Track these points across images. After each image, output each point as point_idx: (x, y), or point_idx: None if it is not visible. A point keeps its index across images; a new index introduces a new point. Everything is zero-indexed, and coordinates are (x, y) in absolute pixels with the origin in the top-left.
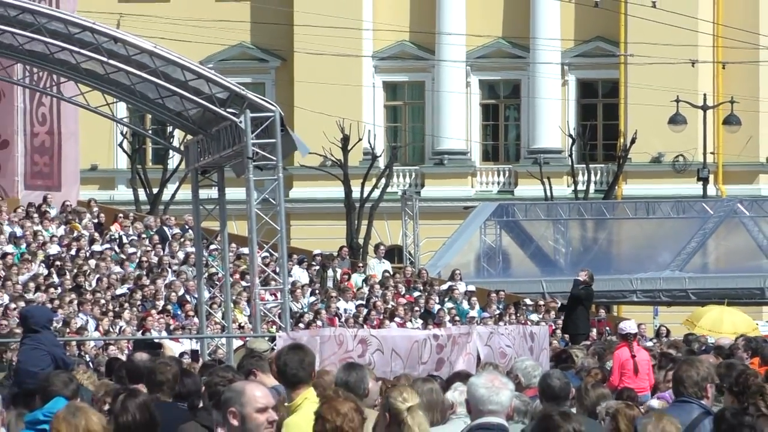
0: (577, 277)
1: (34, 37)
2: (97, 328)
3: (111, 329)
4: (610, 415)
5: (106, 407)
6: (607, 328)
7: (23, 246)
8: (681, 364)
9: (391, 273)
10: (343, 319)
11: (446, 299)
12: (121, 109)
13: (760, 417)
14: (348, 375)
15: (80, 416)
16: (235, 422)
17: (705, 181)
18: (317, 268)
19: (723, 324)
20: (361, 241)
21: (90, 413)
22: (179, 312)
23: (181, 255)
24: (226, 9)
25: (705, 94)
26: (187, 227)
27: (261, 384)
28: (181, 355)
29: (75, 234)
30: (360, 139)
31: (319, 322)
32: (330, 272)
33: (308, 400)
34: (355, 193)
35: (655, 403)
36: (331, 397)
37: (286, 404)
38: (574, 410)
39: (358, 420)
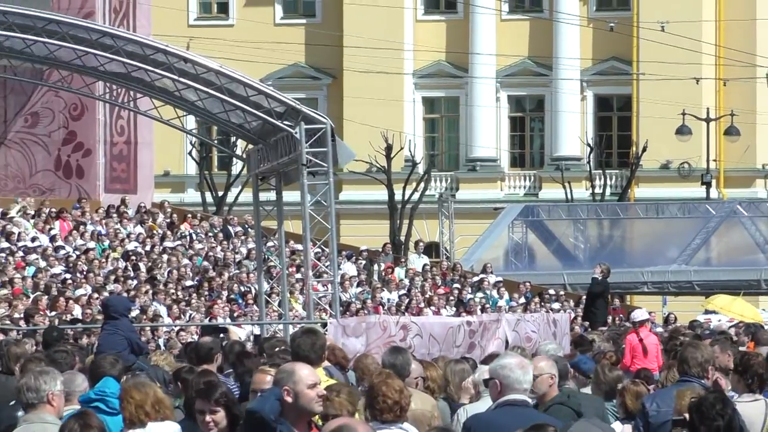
0: (594, 275)
1: (113, 57)
2: (168, 315)
3: (181, 316)
4: (618, 391)
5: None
6: (621, 315)
7: (104, 242)
8: (686, 346)
9: (429, 266)
10: (386, 308)
11: (478, 290)
12: (190, 121)
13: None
14: (395, 358)
15: (148, 387)
16: (289, 399)
17: (708, 185)
18: (364, 262)
19: (734, 306)
20: (402, 239)
21: (153, 385)
22: (241, 301)
23: (243, 251)
24: (283, 32)
25: (708, 108)
26: (248, 226)
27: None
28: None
29: (150, 232)
30: (401, 148)
31: (365, 310)
32: (375, 266)
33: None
34: (397, 196)
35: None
36: (387, 375)
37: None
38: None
39: (409, 396)
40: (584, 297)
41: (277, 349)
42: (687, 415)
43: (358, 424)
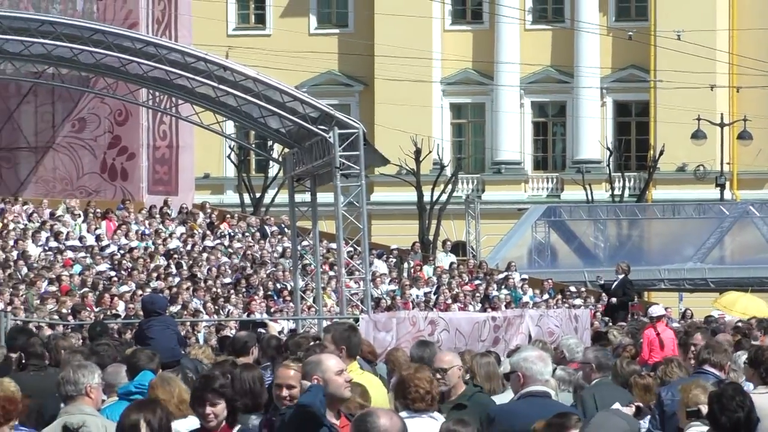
0: (617, 272)
1: (156, 66)
2: (206, 312)
3: (221, 312)
4: (629, 385)
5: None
6: (639, 311)
7: (148, 241)
8: (705, 342)
9: (456, 264)
10: (415, 304)
11: (503, 287)
12: (229, 126)
13: None
14: (422, 351)
15: (173, 384)
16: None
17: (722, 187)
18: (394, 260)
19: (735, 306)
20: (431, 238)
21: (179, 382)
22: (277, 297)
23: (279, 249)
24: (317, 42)
25: (722, 114)
26: (284, 226)
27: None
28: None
29: (191, 231)
30: (430, 152)
31: (395, 306)
32: (405, 264)
33: (353, 371)
34: (426, 197)
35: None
36: (417, 368)
37: None
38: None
39: (438, 387)
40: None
41: (301, 345)
42: (702, 407)
43: (381, 412)
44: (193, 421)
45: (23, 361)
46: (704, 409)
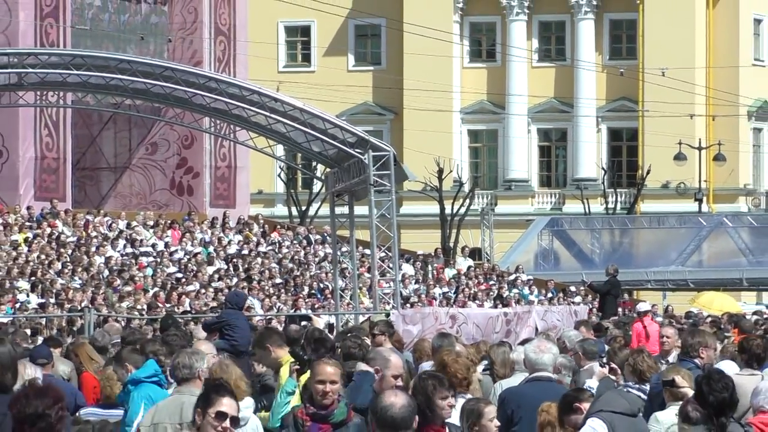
0: (606, 274)
1: (217, 98)
2: (261, 307)
3: (272, 308)
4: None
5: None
6: (629, 307)
7: (210, 248)
8: (686, 332)
9: (473, 267)
10: (438, 301)
11: (513, 286)
12: (279, 149)
13: None
14: (441, 341)
15: (231, 368)
16: (376, 377)
17: (700, 201)
18: (420, 263)
19: (712, 303)
20: (451, 245)
21: (235, 368)
22: (320, 296)
23: (321, 254)
24: (354, 77)
25: (700, 139)
26: (326, 234)
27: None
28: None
29: (246, 239)
30: (451, 171)
31: (421, 303)
32: (429, 267)
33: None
34: (447, 210)
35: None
36: (457, 354)
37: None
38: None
39: (474, 372)
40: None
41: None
42: (677, 378)
43: (390, 392)
44: (248, 402)
45: None
46: (678, 380)
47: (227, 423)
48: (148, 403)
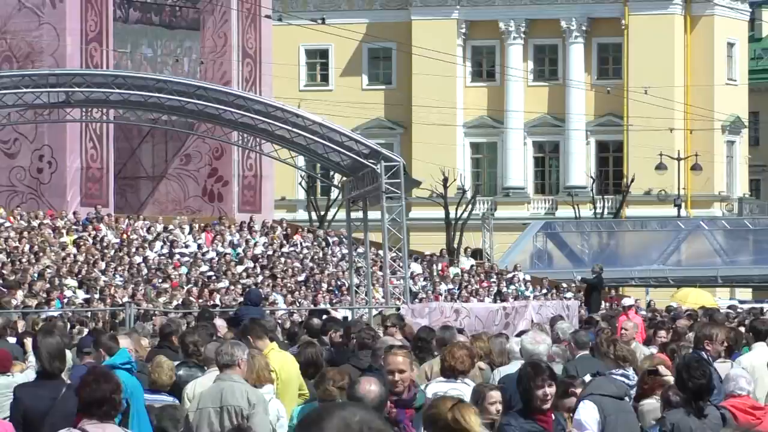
0: (591, 273)
1: (244, 114)
2: (285, 302)
3: (294, 302)
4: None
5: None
6: (615, 302)
7: (238, 249)
8: (699, 325)
9: (475, 266)
10: (443, 297)
11: (511, 283)
12: (300, 160)
13: None
14: (444, 332)
15: (257, 359)
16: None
17: (679, 206)
18: (427, 263)
19: (689, 299)
20: (455, 246)
21: (261, 358)
22: (337, 291)
23: (338, 254)
24: (368, 95)
25: (679, 150)
26: (342, 237)
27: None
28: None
29: (271, 241)
30: (455, 179)
31: (428, 298)
32: (435, 266)
33: (273, 350)
34: (451, 214)
35: (646, 350)
36: (461, 343)
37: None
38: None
39: (473, 359)
40: (582, 278)
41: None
42: (660, 368)
43: (365, 379)
44: (269, 389)
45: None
46: (662, 369)
47: None
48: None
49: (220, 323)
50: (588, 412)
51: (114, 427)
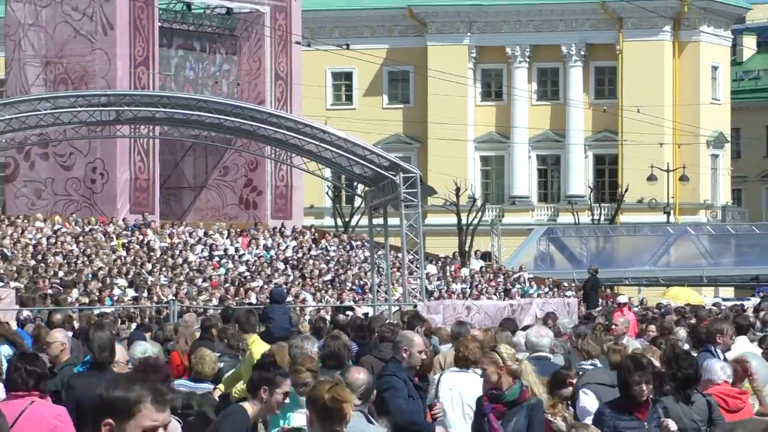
0: (587, 273)
1: (277, 130)
2: (313, 300)
3: (322, 300)
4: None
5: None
6: (610, 300)
7: (271, 251)
8: (710, 321)
9: (484, 267)
10: (456, 295)
11: (517, 283)
12: (327, 172)
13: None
14: (459, 328)
15: (283, 351)
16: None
17: (668, 213)
18: (441, 264)
19: (678, 297)
20: (466, 249)
21: (286, 350)
22: (360, 290)
23: (361, 257)
24: (388, 113)
25: (668, 163)
26: (365, 241)
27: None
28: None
29: (301, 245)
30: (466, 189)
31: (442, 296)
32: (448, 267)
33: (256, 342)
34: (463, 221)
35: (636, 343)
36: (473, 337)
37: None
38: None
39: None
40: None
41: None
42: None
43: (354, 369)
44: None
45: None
46: (653, 361)
47: (287, 400)
48: None
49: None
50: (589, 400)
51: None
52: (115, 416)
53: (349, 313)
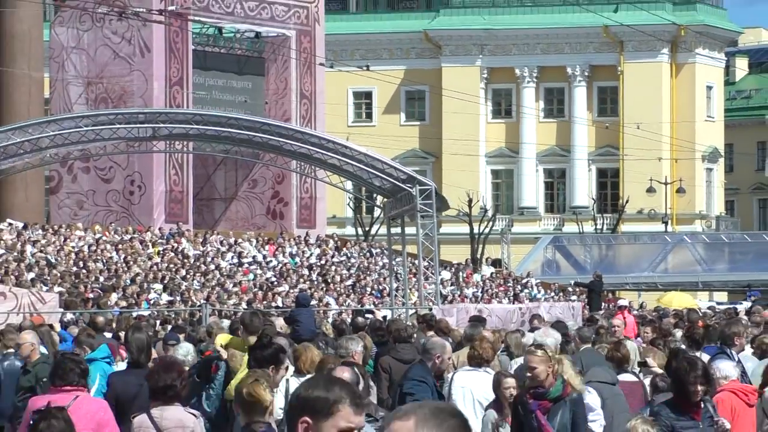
0: (592, 278)
1: (302, 145)
2: (336, 303)
3: (344, 304)
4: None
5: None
6: (612, 303)
7: (296, 258)
8: (723, 324)
9: (495, 273)
10: (468, 299)
11: (525, 288)
12: (348, 184)
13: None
14: (472, 330)
15: (310, 350)
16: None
17: (666, 223)
18: (454, 270)
19: (674, 301)
20: (478, 256)
21: (314, 349)
22: (379, 294)
23: (380, 263)
24: (405, 129)
25: (666, 176)
26: (384, 249)
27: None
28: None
29: (324, 252)
30: (478, 201)
31: (455, 300)
32: (461, 273)
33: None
34: (475, 230)
35: (633, 344)
36: (483, 337)
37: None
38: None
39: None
40: (576, 283)
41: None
42: (648, 360)
43: (340, 369)
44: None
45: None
46: (649, 361)
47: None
48: (102, 376)
49: (279, 322)
50: (593, 397)
51: (174, 409)
52: (313, 415)
53: (369, 315)
